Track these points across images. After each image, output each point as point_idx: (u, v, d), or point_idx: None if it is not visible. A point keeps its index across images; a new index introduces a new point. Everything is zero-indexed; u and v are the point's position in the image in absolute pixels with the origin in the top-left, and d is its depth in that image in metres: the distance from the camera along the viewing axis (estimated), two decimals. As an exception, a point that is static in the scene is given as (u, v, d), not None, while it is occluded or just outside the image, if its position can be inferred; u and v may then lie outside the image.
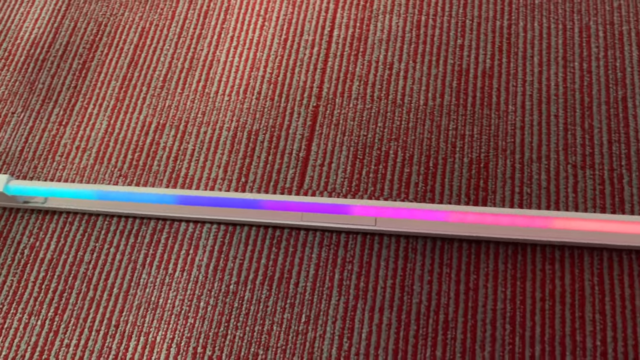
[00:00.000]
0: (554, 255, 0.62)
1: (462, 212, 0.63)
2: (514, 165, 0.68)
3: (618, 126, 0.68)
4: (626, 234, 0.61)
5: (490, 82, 0.73)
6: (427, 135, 0.71)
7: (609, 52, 0.73)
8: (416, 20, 0.79)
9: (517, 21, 0.77)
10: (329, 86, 0.76)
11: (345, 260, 0.65)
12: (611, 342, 0.58)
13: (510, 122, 0.70)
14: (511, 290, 0.61)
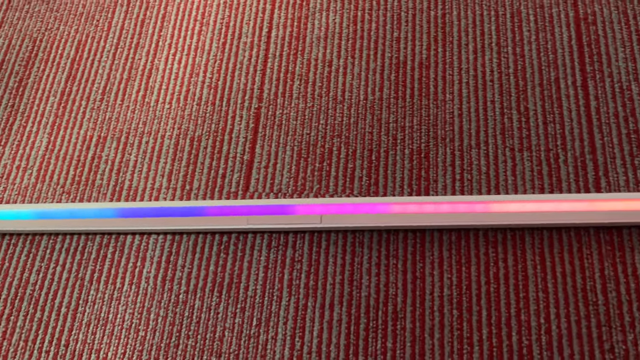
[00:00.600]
0: (496, 238, 0.63)
1: (404, 202, 0.64)
2: (453, 153, 0.69)
3: (552, 107, 0.70)
4: (564, 212, 0.62)
5: (428, 73, 0.74)
6: (369, 130, 0.72)
7: (540, 35, 0.74)
8: (352, 16, 0.79)
9: (451, 10, 0.78)
10: (270, 87, 0.76)
11: (294, 260, 0.65)
12: (554, 319, 0.59)
13: (448, 110, 0.71)
14: (457, 276, 0.62)
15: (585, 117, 0.68)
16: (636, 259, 0.60)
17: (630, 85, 0.69)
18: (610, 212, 0.61)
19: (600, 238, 0.62)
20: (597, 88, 0.70)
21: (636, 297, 0.59)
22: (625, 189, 0.64)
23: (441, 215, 0.63)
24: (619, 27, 0.73)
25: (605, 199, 0.62)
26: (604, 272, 0.60)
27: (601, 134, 0.67)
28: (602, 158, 0.66)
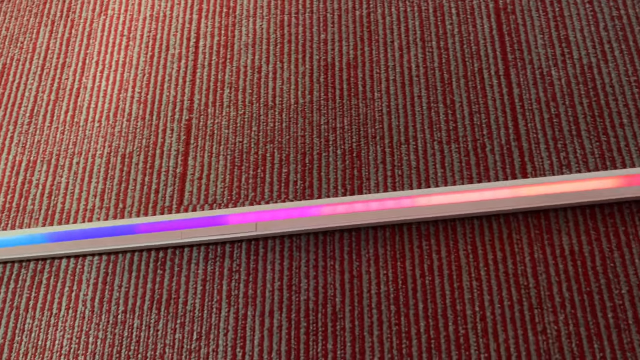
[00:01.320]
0: (429, 231, 0.64)
1: (335, 203, 0.64)
2: (384, 150, 0.69)
3: (477, 98, 0.71)
4: (492, 200, 0.63)
5: (356, 72, 0.75)
6: (301, 133, 0.72)
7: (462, 27, 0.76)
8: (279, 21, 0.79)
9: (375, 9, 0.78)
10: (200, 97, 0.75)
11: (232, 270, 0.65)
12: (489, 305, 0.60)
13: (377, 108, 0.72)
14: (392, 271, 0.63)
15: (509, 105, 0.70)
16: (563, 240, 0.62)
17: (550, 70, 0.71)
18: (537, 196, 0.63)
19: (528, 223, 0.63)
20: (519, 76, 0.71)
21: (565, 278, 0.60)
22: (550, 172, 0.66)
23: (372, 213, 0.64)
24: (537, 14, 0.75)
25: (531, 184, 0.63)
26: (534, 256, 0.62)
27: (525, 120, 0.69)
28: (526, 144, 0.67)
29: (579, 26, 0.73)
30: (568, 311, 0.59)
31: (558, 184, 0.63)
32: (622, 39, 0.71)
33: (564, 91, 0.70)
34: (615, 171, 0.63)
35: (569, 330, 0.58)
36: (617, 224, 0.62)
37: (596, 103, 0.68)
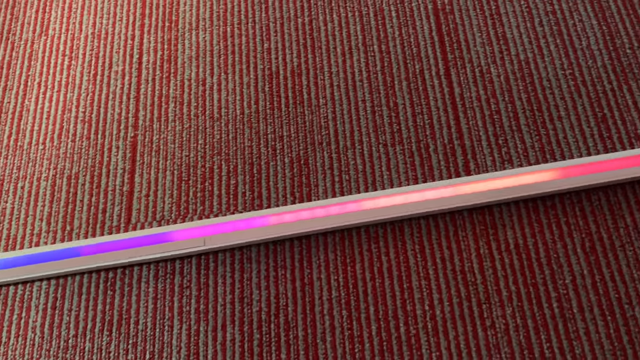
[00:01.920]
0: (377, 233, 0.65)
1: (284, 212, 0.64)
2: (331, 156, 0.70)
3: (419, 99, 0.72)
4: (437, 199, 0.64)
5: (300, 80, 0.75)
6: (248, 144, 0.72)
7: (403, 30, 0.76)
8: (222, 32, 0.79)
9: (317, 16, 0.79)
10: (145, 113, 0.75)
11: (183, 286, 0.64)
12: (438, 304, 0.61)
13: (322, 115, 0.72)
14: (343, 276, 0.63)
15: (451, 105, 0.71)
16: (508, 234, 0.63)
17: (489, 68, 0.72)
18: (480, 193, 0.64)
19: (473, 219, 0.64)
20: (459, 75, 0.72)
21: (511, 272, 0.61)
22: (493, 168, 0.67)
23: (321, 219, 0.64)
24: (474, 13, 0.76)
25: (474, 181, 0.64)
26: (480, 252, 0.63)
27: (466, 118, 0.70)
28: (469, 142, 0.68)
29: (515, 23, 0.75)
30: (515, 304, 0.60)
31: (500, 180, 0.64)
32: (556, 34, 0.73)
33: (503, 87, 0.71)
34: (555, 163, 0.65)
35: (517, 323, 0.59)
36: (559, 215, 0.63)
37: (534, 97, 0.70)
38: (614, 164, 0.63)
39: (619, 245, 0.61)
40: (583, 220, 0.63)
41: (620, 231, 0.62)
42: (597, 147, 0.66)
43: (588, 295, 0.59)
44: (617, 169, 0.63)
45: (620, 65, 0.70)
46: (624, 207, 0.63)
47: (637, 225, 0.62)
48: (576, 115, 0.68)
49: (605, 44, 0.72)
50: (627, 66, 0.70)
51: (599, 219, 0.62)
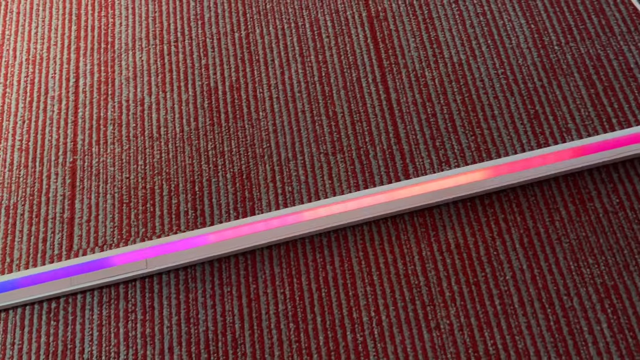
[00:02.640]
0: (322, 243, 0.65)
1: (226, 229, 0.64)
2: (273, 169, 0.70)
3: (358, 106, 0.72)
4: (378, 205, 0.65)
5: (239, 94, 0.75)
6: (189, 161, 0.71)
7: (339, 39, 0.77)
8: (159, 51, 0.79)
9: (254, 29, 0.79)
10: (83, 137, 0.74)
11: (128, 311, 0.63)
12: (383, 309, 0.61)
13: (263, 128, 0.72)
14: (289, 289, 0.63)
15: (388, 111, 0.72)
16: (449, 235, 0.64)
17: (424, 72, 0.73)
18: (420, 195, 0.65)
19: (414, 222, 0.65)
20: (395, 80, 0.73)
21: (453, 272, 0.62)
22: (431, 171, 0.68)
23: (264, 233, 0.64)
24: (407, 19, 0.77)
25: (413, 184, 0.65)
26: (422, 254, 0.63)
27: (404, 123, 0.71)
28: (407, 146, 0.69)
29: (447, 26, 0.76)
30: (458, 304, 0.60)
31: (438, 181, 0.65)
32: (487, 34, 0.75)
33: (438, 91, 0.72)
34: (490, 162, 0.66)
35: (461, 322, 0.60)
36: (497, 212, 0.64)
37: (468, 99, 0.71)
38: (546, 159, 0.64)
39: (555, 238, 0.62)
40: (520, 216, 0.64)
41: (556, 224, 0.63)
42: (531, 144, 0.68)
43: (528, 290, 0.60)
44: (549, 163, 0.64)
45: (549, 62, 0.72)
46: (558, 200, 0.64)
47: (571, 218, 0.63)
48: (509, 113, 0.70)
49: (534, 42, 0.74)
50: (555, 62, 0.72)
51: (536, 214, 0.64)
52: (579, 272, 0.60)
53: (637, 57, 0.71)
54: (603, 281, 0.60)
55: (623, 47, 0.72)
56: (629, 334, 0.57)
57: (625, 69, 0.70)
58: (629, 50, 0.71)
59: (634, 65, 0.70)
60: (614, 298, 0.59)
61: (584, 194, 0.64)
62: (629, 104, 0.68)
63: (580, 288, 0.60)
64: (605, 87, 0.70)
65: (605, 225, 0.62)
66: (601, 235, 0.62)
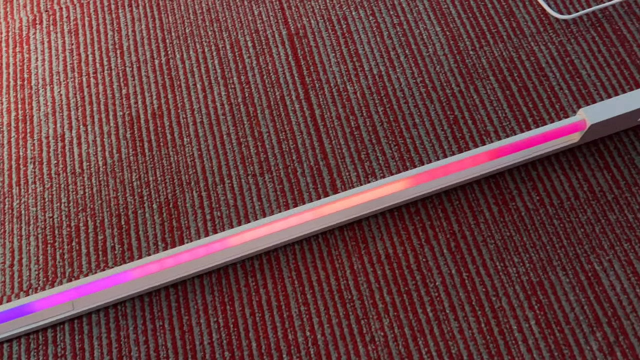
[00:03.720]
0: (254, 266, 0.64)
1: (150, 262, 0.62)
2: (200, 195, 0.69)
3: (283, 125, 0.72)
4: (308, 222, 0.64)
5: (162, 122, 0.74)
6: (114, 195, 0.70)
7: (260, 58, 0.77)
8: (78, 84, 0.77)
9: (174, 54, 0.78)
10: (2, 179, 0.71)
11: (57, 356, 0.61)
12: (318, 328, 0.61)
13: (188, 154, 0.71)
14: (223, 316, 0.62)
15: (313, 127, 0.72)
16: (378, 246, 0.64)
17: (346, 86, 0.74)
18: (347, 209, 0.65)
19: (345, 236, 0.65)
20: (319, 96, 0.74)
21: (385, 283, 0.62)
22: (358, 183, 0.68)
23: (194, 262, 0.62)
24: (327, 34, 0.78)
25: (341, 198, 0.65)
26: (354, 268, 0.63)
27: (329, 138, 0.71)
28: (333, 161, 0.69)
29: (366, 39, 0.77)
30: (392, 315, 0.61)
31: (365, 194, 0.65)
32: (405, 44, 0.76)
33: (360, 103, 0.73)
34: (414, 170, 0.66)
35: (395, 333, 0.60)
36: (423, 219, 0.65)
37: (390, 109, 0.72)
38: (467, 163, 0.65)
39: (481, 240, 0.63)
40: (446, 221, 0.65)
41: (480, 226, 0.64)
42: (452, 149, 0.69)
43: (458, 294, 0.61)
44: (470, 167, 0.65)
45: (465, 67, 0.74)
46: (481, 202, 0.65)
47: (495, 218, 0.64)
48: (430, 120, 0.71)
49: (450, 48, 0.75)
50: (471, 67, 0.74)
51: (461, 218, 0.65)
52: (506, 272, 0.62)
53: (547, 57, 0.73)
54: (529, 278, 0.61)
55: (534, 48, 0.74)
56: (556, 328, 0.59)
57: (537, 69, 0.73)
58: (540, 50, 0.74)
59: (545, 65, 0.73)
60: (540, 294, 0.60)
61: (505, 194, 0.66)
62: (543, 102, 0.71)
63: (507, 287, 0.61)
64: (519, 87, 0.72)
65: (528, 223, 0.64)
66: (524, 233, 0.63)
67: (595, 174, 0.66)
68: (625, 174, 0.65)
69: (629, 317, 0.58)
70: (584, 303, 0.59)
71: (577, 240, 0.62)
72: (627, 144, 0.67)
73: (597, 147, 0.67)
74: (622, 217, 0.63)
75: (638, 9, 0.75)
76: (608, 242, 0.62)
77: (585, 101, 0.70)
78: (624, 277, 0.60)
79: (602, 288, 0.60)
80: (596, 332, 0.58)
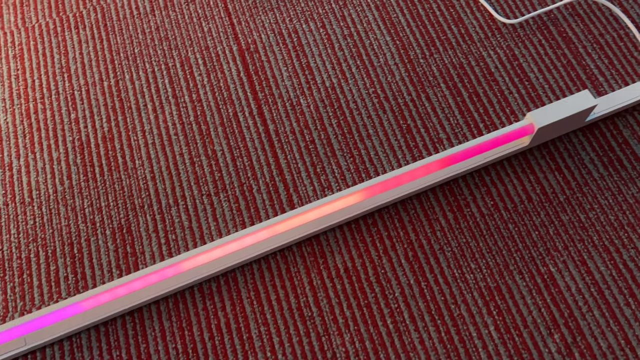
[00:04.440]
0: (211, 289, 0.63)
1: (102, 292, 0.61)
2: (154, 218, 0.67)
3: (237, 142, 0.71)
4: (265, 241, 0.64)
5: (113, 145, 0.72)
6: (65, 223, 0.68)
7: (211, 75, 0.76)
8: (25, 110, 0.75)
9: (123, 75, 0.77)
10: (-53, 213, 0.69)
11: (9, 394, 0.59)
12: (279, 347, 0.60)
13: (140, 177, 0.70)
14: (181, 342, 0.61)
15: (268, 142, 0.71)
16: (337, 260, 0.64)
17: (299, 100, 0.74)
18: (305, 225, 0.64)
19: (303, 252, 0.64)
20: (272, 111, 0.73)
21: (344, 297, 0.62)
22: (315, 197, 0.67)
23: (148, 288, 0.61)
24: (278, 48, 0.77)
25: (298, 214, 0.64)
26: (313, 284, 0.63)
27: (284, 153, 0.70)
28: (289, 176, 0.69)
29: (317, 52, 0.77)
30: (352, 329, 0.60)
31: (321, 208, 0.65)
32: (356, 55, 0.76)
33: (314, 117, 0.72)
34: (370, 181, 0.66)
35: (356, 348, 0.59)
36: (381, 230, 0.65)
37: (344, 121, 0.72)
38: (421, 171, 0.65)
39: (438, 248, 0.64)
40: (403, 230, 0.65)
41: (437, 234, 0.64)
42: (406, 158, 0.69)
43: (417, 304, 0.61)
44: (425, 175, 0.66)
45: (416, 76, 0.74)
46: (437, 210, 0.66)
47: (451, 226, 0.65)
48: (383, 130, 0.71)
49: (400, 57, 0.75)
50: (422, 75, 0.74)
51: (417, 227, 0.65)
52: (464, 279, 0.62)
53: (496, 61, 0.74)
54: (486, 284, 0.61)
55: (483, 53, 0.75)
56: (515, 332, 0.59)
57: (487, 74, 0.73)
58: (489, 55, 0.75)
59: (494, 69, 0.74)
60: (498, 299, 0.61)
61: (460, 200, 0.66)
62: (493, 107, 0.71)
63: (466, 294, 0.61)
64: (470, 93, 0.72)
65: (483, 228, 0.64)
66: (480, 239, 0.64)
67: (547, 176, 0.67)
68: (576, 175, 0.66)
69: (585, 317, 0.59)
70: (541, 305, 0.60)
71: (532, 243, 0.63)
72: (576, 145, 0.68)
73: (547, 149, 0.68)
74: (574, 218, 0.64)
75: (582, 10, 0.77)
76: (562, 243, 0.63)
77: (534, 104, 0.71)
78: (578, 277, 0.61)
79: (557, 289, 0.61)
80: (554, 334, 0.59)
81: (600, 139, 0.68)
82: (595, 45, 0.74)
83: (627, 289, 0.60)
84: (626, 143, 0.68)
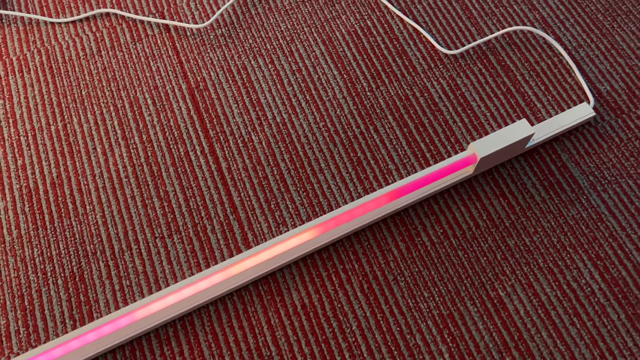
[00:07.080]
0: (168, 334, 0.63)
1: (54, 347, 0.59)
2: (107, 264, 0.67)
3: (189, 182, 0.72)
4: (220, 283, 0.64)
5: (62, 191, 0.71)
6: (15, 274, 0.66)
7: (161, 115, 0.76)
8: (-32, 158, 0.73)
9: (71, 119, 0.76)
10: None
11: None
12: (239, 389, 0.60)
13: (92, 222, 0.69)
14: (139, 391, 0.60)
15: (221, 181, 0.71)
16: (294, 296, 0.64)
17: (250, 136, 0.74)
18: (260, 264, 0.65)
19: (260, 290, 0.65)
20: (224, 149, 0.74)
21: (302, 334, 0.62)
22: (270, 235, 0.68)
23: (103, 339, 0.60)
24: (227, 85, 0.78)
25: (252, 254, 0.65)
26: (271, 323, 0.63)
27: (237, 191, 0.71)
28: (244, 214, 0.69)
29: (267, 87, 0.78)
30: (312, 366, 0.61)
31: (276, 246, 0.65)
32: (305, 90, 0.77)
33: (266, 152, 0.73)
34: (324, 216, 0.67)
35: (316, 384, 0.60)
36: (336, 264, 0.66)
37: (296, 156, 0.73)
38: (372, 204, 0.67)
39: (392, 278, 0.65)
40: (357, 263, 0.66)
41: (390, 265, 0.66)
42: (358, 190, 0.71)
43: (374, 336, 0.62)
44: (376, 207, 0.67)
45: (364, 109, 0.76)
46: (389, 241, 0.67)
47: (403, 255, 0.66)
48: (335, 164, 0.72)
49: (348, 91, 0.77)
50: (370, 108, 0.76)
51: (371, 258, 0.66)
52: (417, 308, 0.63)
53: (439, 92, 0.77)
54: (440, 312, 0.63)
55: (427, 84, 0.77)
56: (469, 358, 0.61)
57: (432, 104, 0.76)
58: (432, 86, 0.77)
59: (438, 99, 0.76)
60: (452, 326, 0.62)
61: (411, 230, 0.68)
62: (439, 136, 0.74)
63: (420, 324, 0.63)
64: (416, 124, 0.75)
65: (434, 256, 0.66)
66: (432, 267, 0.66)
67: (492, 202, 0.69)
68: (520, 200, 0.69)
69: (534, 339, 0.61)
70: (492, 330, 0.62)
71: (481, 269, 0.65)
72: (518, 170, 0.71)
73: (492, 176, 0.71)
74: (520, 242, 0.67)
75: (518, 39, 0.81)
76: (509, 267, 0.65)
77: (477, 132, 0.74)
78: (526, 300, 0.63)
79: (507, 313, 0.63)
80: (506, 357, 0.61)
81: (541, 164, 0.71)
82: (532, 72, 0.78)
83: (571, 308, 0.63)
84: (564, 167, 0.71)
